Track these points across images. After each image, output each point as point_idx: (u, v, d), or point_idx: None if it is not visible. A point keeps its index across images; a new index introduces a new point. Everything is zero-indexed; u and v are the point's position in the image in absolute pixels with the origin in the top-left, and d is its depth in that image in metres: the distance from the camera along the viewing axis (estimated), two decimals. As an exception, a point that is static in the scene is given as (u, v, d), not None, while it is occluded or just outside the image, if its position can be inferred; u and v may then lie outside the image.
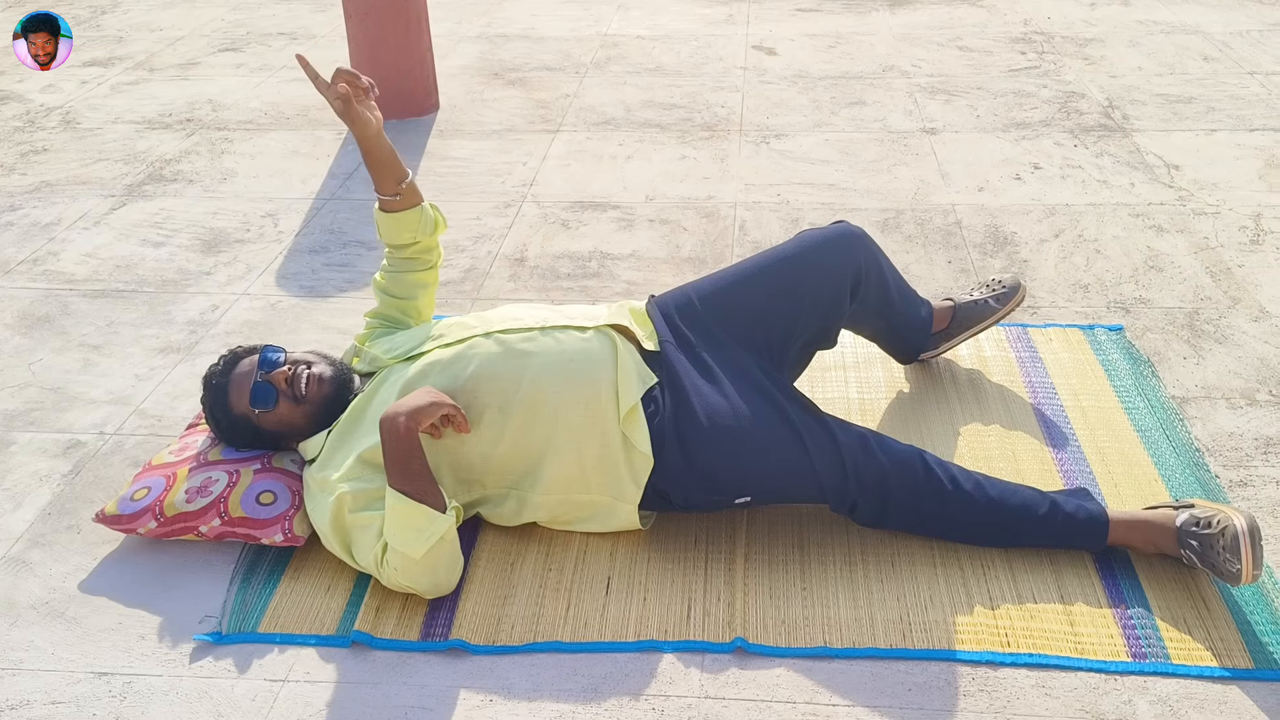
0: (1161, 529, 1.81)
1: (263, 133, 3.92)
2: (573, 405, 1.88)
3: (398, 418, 1.80)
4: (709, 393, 1.88)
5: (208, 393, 2.02)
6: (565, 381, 1.88)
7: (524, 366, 1.89)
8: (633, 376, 1.90)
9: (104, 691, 1.71)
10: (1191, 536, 1.77)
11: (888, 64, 4.35)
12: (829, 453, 1.82)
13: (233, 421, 2.00)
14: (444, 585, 1.82)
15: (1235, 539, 1.69)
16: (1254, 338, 2.49)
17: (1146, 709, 1.61)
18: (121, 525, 1.97)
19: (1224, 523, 1.72)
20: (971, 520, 1.86)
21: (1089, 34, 4.57)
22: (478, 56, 4.63)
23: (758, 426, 1.83)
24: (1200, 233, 2.96)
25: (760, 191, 3.31)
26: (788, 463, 1.83)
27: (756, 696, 1.65)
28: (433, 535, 1.76)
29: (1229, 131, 3.58)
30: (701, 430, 1.84)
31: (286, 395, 1.95)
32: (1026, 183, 3.30)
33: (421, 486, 1.79)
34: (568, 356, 1.90)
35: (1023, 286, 2.33)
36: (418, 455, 1.80)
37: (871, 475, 1.83)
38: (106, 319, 2.77)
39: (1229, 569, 1.70)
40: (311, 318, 2.73)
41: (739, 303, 2.04)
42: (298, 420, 1.97)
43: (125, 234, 3.22)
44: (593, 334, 1.94)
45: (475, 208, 3.29)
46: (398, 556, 1.78)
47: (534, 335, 1.93)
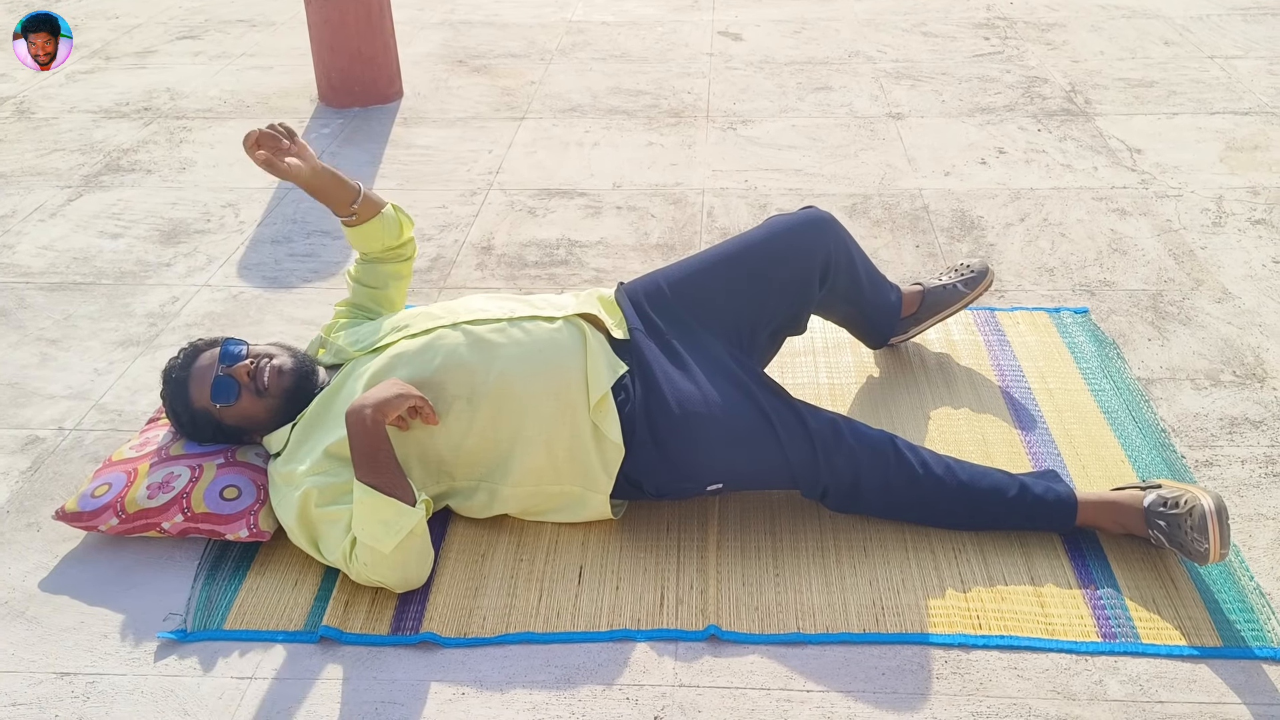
0: (1129, 509, 1.83)
1: (222, 121, 3.86)
2: (542, 396, 1.86)
3: (364, 410, 1.77)
4: (680, 380, 1.87)
5: (168, 387, 1.98)
6: (534, 372, 1.86)
7: (492, 358, 1.87)
8: (602, 365, 1.88)
9: (66, 692, 1.68)
10: (1159, 517, 1.78)
11: (853, 49, 4.35)
12: (800, 439, 1.82)
13: (194, 416, 1.97)
14: (414, 579, 1.80)
15: (1203, 518, 1.70)
16: (1217, 319, 2.51)
17: (1117, 688, 1.62)
18: (82, 522, 1.93)
19: (1191, 502, 1.74)
20: (942, 504, 1.87)
21: (1051, 19, 4.60)
22: (441, 43, 4.58)
23: (729, 413, 1.82)
24: (1163, 215, 2.98)
25: (728, 178, 3.30)
26: (759, 449, 1.82)
27: (730, 684, 1.65)
28: (402, 529, 1.74)
29: (1190, 115, 3.61)
30: (673, 418, 1.83)
31: (249, 389, 1.92)
32: (992, 167, 3.31)
33: (389, 479, 1.76)
34: (536, 347, 1.88)
35: (990, 270, 2.34)
36: (385, 448, 1.78)
37: (843, 460, 1.82)
38: (64, 312, 2.72)
39: (1197, 548, 1.71)
40: (275, 309, 2.69)
41: (708, 289, 2.03)
42: (260, 414, 1.94)
43: (82, 225, 3.15)
44: (561, 324, 1.93)
45: (441, 196, 3.25)
46: (366, 551, 1.75)
47: (502, 326, 1.91)
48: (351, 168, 3.47)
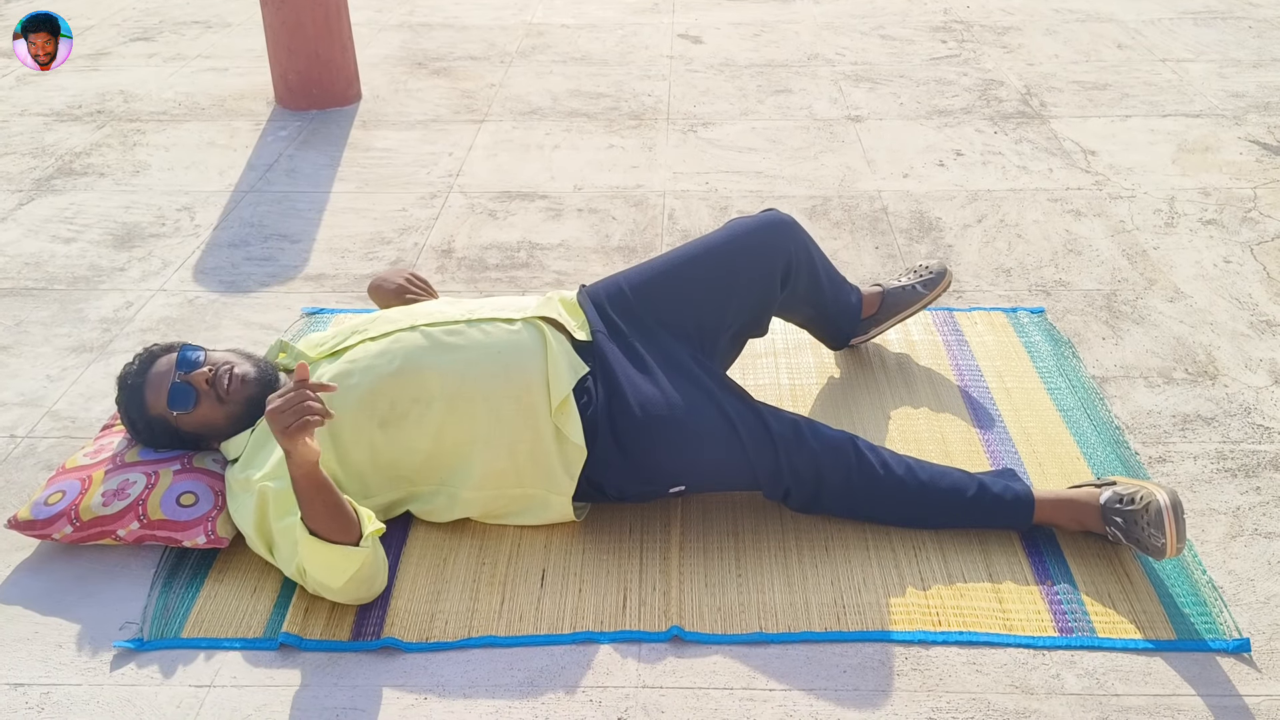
0: (1086, 507, 1.85)
1: (177, 124, 3.81)
2: (503, 398, 1.85)
3: (287, 460, 1.65)
4: (642, 382, 1.87)
5: (123, 394, 1.95)
6: (494, 375, 1.86)
7: (451, 360, 1.86)
8: (563, 367, 1.88)
9: (20, 703, 1.65)
10: (1115, 514, 1.81)
11: (812, 52, 4.37)
12: (762, 441, 1.83)
13: (150, 423, 1.94)
14: (367, 597, 1.78)
15: (1159, 513, 1.73)
16: (1170, 318, 2.55)
17: (1074, 682, 1.64)
18: (35, 531, 1.90)
19: (1147, 498, 1.76)
20: (903, 503, 1.88)
21: (1007, 22, 4.65)
22: (400, 45, 4.56)
23: (691, 415, 1.83)
24: (1116, 216, 3.03)
25: (688, 180, 3.31)
26: (721, 451, 1.82)
27: (694, 684, 1.65)
28: (346, 571, 1.70)
29: (1143, 118, 3.67)
30: (635, 420, 1.83)
31: (208, 396, 1.89)
32: (949, 169, 3.34)
33: (331, 525, 1.68)
34: (496, 349, 1.88)
35: (949, 271, 2.37)
36: (319, 496, 1.66)
37: (804, 462, 1.83)
38: (15, 318, 2.67)
39: (1153, 543, 1.74)
40: (232, 313, 2.66)
41: (670, 291, 2.03)
42: (220, 421, 1.92)
43: (34, 230, 3.10)
44: (521, 325, 1.92)
45: (400, 199, 3.24)
46: (316, 582, 1.74)
47: (460, 328, 1.90)
48: (310, 170, 3.44)
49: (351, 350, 1.92)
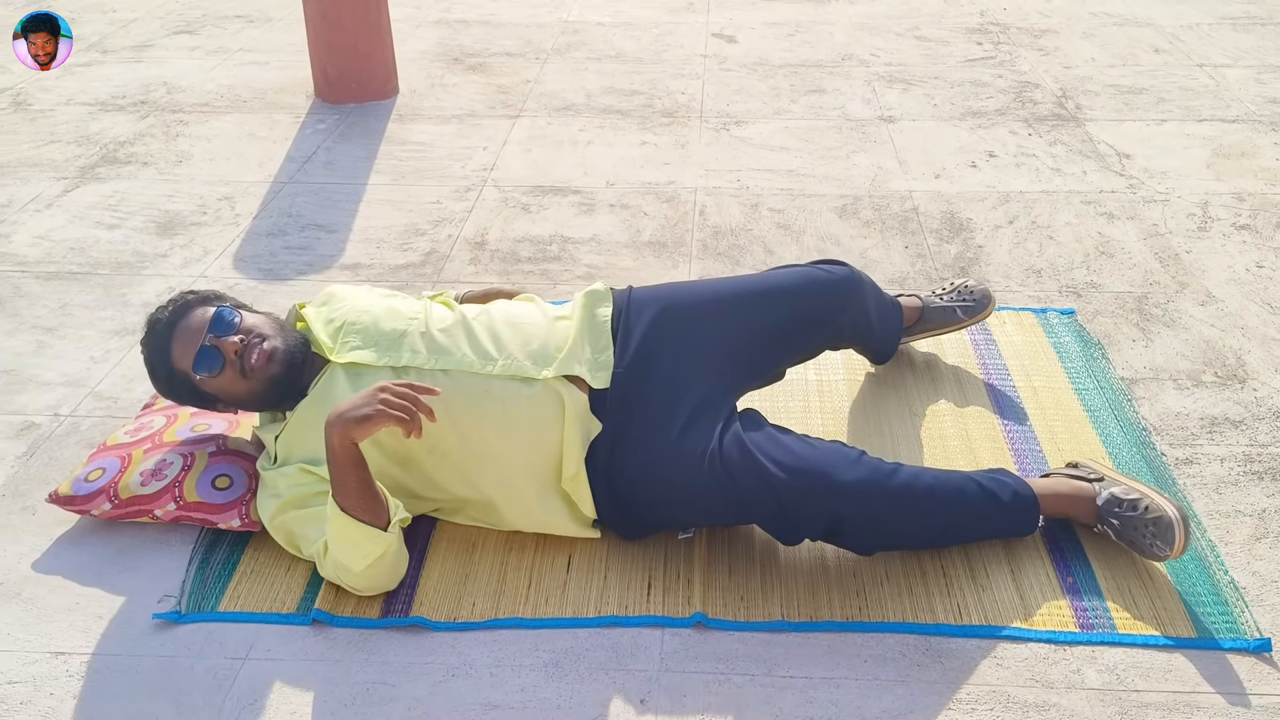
0: (1082, 501, 1.87)
1: (218, 115, 3.88)
2: (516, 468, 1.84)
3: (332, 430, 1.65)
4: (651, 440, 1.81)
5: (149, 336, 1.87)
6: (507, 447, 1.83)
7: (465, 422, 1.82)
8: (577, 442, 1.82)
9: (61, 671, 1.70)
10: (1113, 515, 1.83)
11: (846, 52, 4.38)
12: (766, 505, 1.75)
13: (171, 373, 1.86)
14: (382, 588, 1.80)
15: (1169, 528, 1.74)
16: (1201, 321, 2.55)
17: (1094, 677, 1.65)
18: (75, 506, 1.95)
19: (1155, 510, 1.77)
20: (922, 533, 1.85)
21: (1044, 25, 4.64)
22: (437, 41, 4.61)
23: (691, 483, 1.77)
24: (1150, 220, 3.02)
25: (720, 177, 3.34)
26: (724, 514, 1.83)
27: (715, 669, 1.68)
28: (370, 554, 1.71)
29: (1179, 122, 3.65)
30: (635, 485, 1.82)
31: (233, 365, 1.83)
32: (982, 170, 3.35)
33: (360, 503, 1.69)
34: (511, 420, 1.82)
35: (993, 300, 2.34)
36: (354, 472, 1.68)
37: (818, 513, 1.75)
38: (60, 301, 2.74)
39: (1155, 552, 1.77)
40: (269, 300, 2.71)
41: (717, 328, 1.96)
42: (240, 393, 1.86)
43: (79, 216, 3.17)
44: (540, 389, 1.83)
45: (435, 191, 3.28)
46: (337, 563, 1.75)
47: (480, 384, 1.83)
48: (347, 163, 3.49)
49: (372, 372, 1.85)
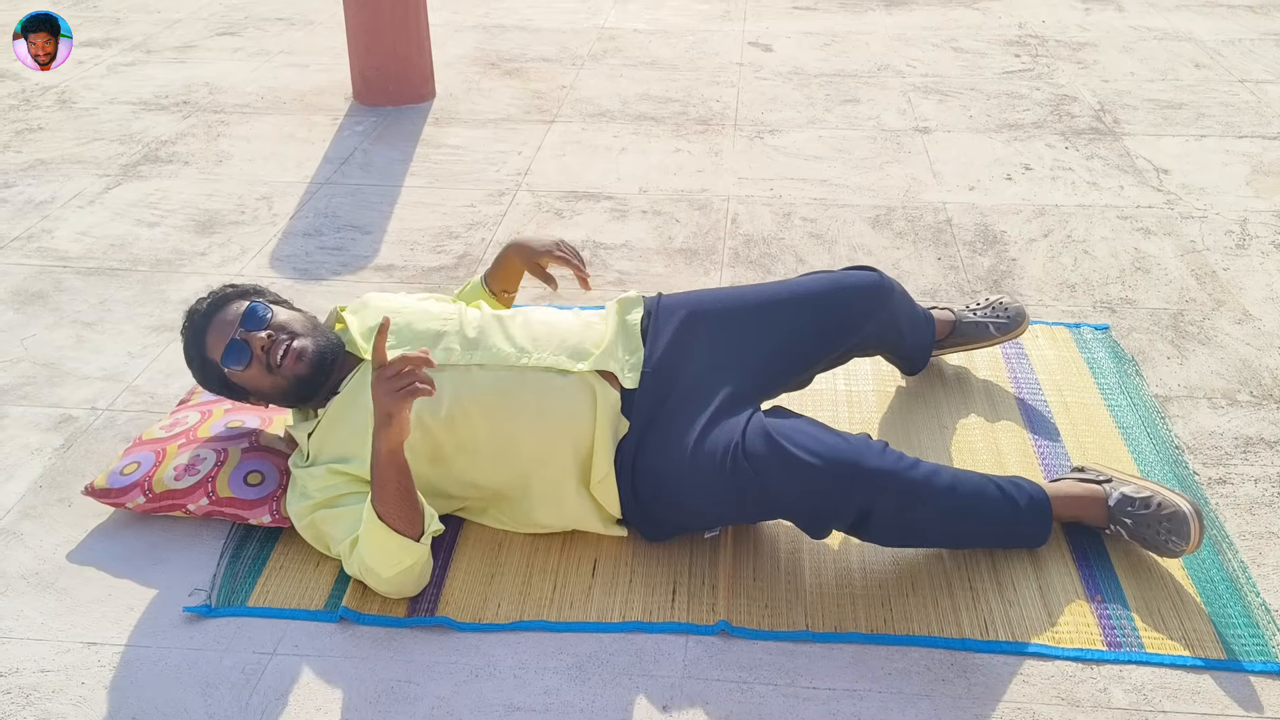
0: (1092, 503, 1.88)
1: (259, 116, 3.93)
2: (547, 462, 1.86)
3: (376, 439, 1.68)
4: (672, 444, 1.82)
5: (188, 326, 1.95)
6: (540, 440, 1.85)
7: (498, 416, 1.85)
8: (608, 438, 1.84)
9: (93, 661, 1.73)
10: (1126, 515, 1.84)
11: (882, 63, 4.37)
12: (797, 500, 1.73)
13: (204, 363, 1.93)
14: (405, 593, 1.81)
15: (1184, 522, 1.77)
16: (1237, 340, 2.52)
17: (1121, 697, 1.64)
18: (110, 499, 1.98)
19: (1168, 506, 1.80)
20: (940, 533, 1.85)
21: (1082, 39, 4.61)
22: (474, 46, 4.64)
23: (717, 491, 1.77)
24: (1187, 236, 2.99)
25: (753, 185, 3.34)
26: (746, 513, 1.84)
27: (739, 678, 1.68)
28: (400, 563, 1.73)
29: (1218, 138, 3.62)
30: (657, 488, 1.83)
31: (260, 361, 1.87)
32: (1017, 183, 3.33)
33: (399, 512, 1.71)
34: (544, 411, 1.85)
35: (1026, 318, 2.32)
36: (396, 478, 1.70)
37: (850, 509, 1.73)
38: (100, 296, 2.78)
39: (1170, 548, 1.79)
40: (304, 300, 2.74)
41: (745, 333, 1.97)
42: (266, 388, 1.90)
43: (120, 213, 3.22)
44: (574, 381, 1.87)
45: (470, 195, 3.31)
46: (365, 565, 1.76)
47: (513, 377, 1.86)
48: (383, 165, 3.52)
49: None
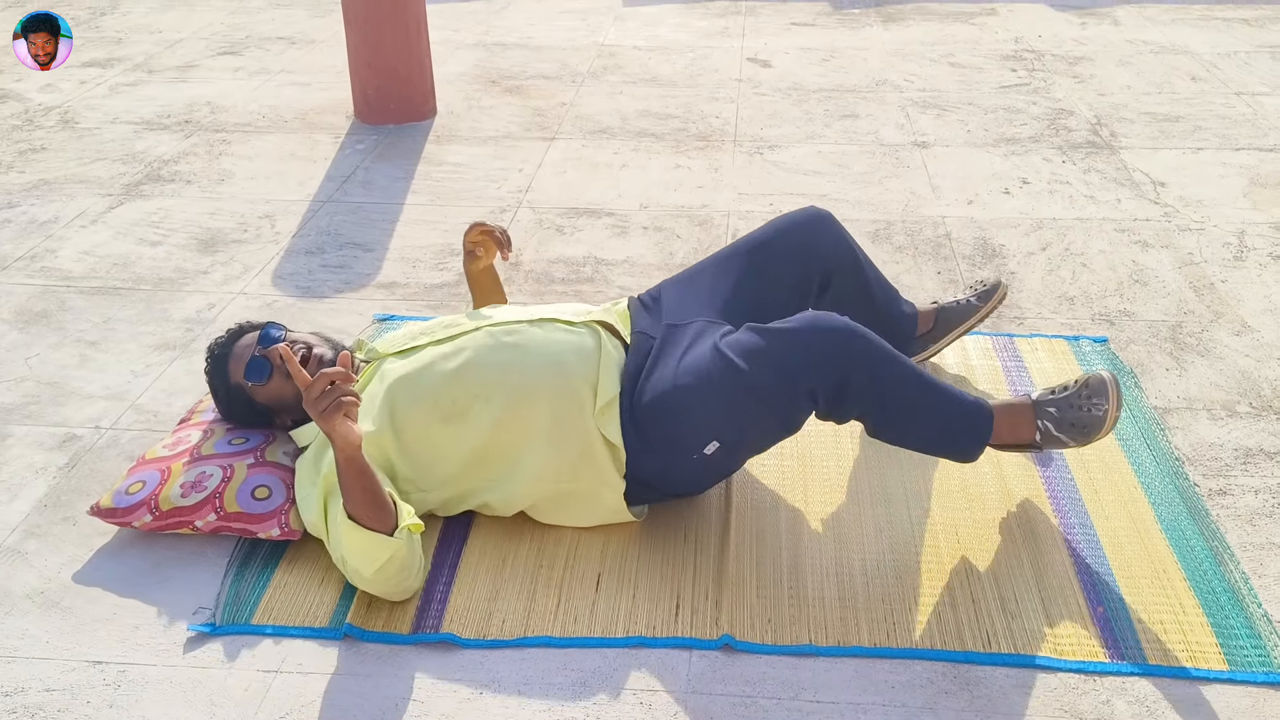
0: (1020, 408, 1.92)
1: (260, 135, 3.95)
2: (560, 395, 1.92)
3: (331, 442, 1.75)
4: (658, 372, 1.95)
5: (210, 362, 2.08)
6: (552, 373, 1.93)
7: (513, 357, 1.95)
8: (614, 372, 1.96)
9: (98, 680, 1.73)
10: (1049, 404, 1.89)
11: (880, 78, 4.40)
12: (776, 375, 1.81)
13: (229, 391, 2.06)
14: (398, 594, 1.83)
15: (1102, 385, 1.84)
16: (1236, 351, 2.53)
17: (1125, 709, 1.64)
18: (116, 518, 1.99)
19: (1082, 379, 1.88)
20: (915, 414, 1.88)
21: (1079, 53, 4.64)
22: (475, 64, 4.67)
23: (706, 390, 1.85)
24: (1185, 248, 3.01)
25: (753, 201, 3.36)
26: (746, 409, 1.85)
27: (742, 692, 1.68)
28: (377, 560, 1.76)
29: (1215, 150, 3.64)
30: (646, 403, 1.91)
31: (281, 371, 2.00)
32: (1015, 197, 3.34)
33: (367, 511, 1.75)
34: (555, 348, 1.96)
35: (1003, 284, 2.40)
36: (359, 481, 1.74)
37: (827, 371, 1.80)
38: (103, 315, 2.79)
39: (1095, 413, 1.83)
40: (307, 317, 2.76)
41: (706, 287, 2.13)
42: (290, 396, 2.01)
43: (123, 232, 3.24)
44: (581, 327, 2.01)
45: (471, 212, 3.32)
46: (349, 568, 1.80)
47: (522, 327, 1.99)
48: (385, 183, 3.54)
49: (420, 351, 2.00)
